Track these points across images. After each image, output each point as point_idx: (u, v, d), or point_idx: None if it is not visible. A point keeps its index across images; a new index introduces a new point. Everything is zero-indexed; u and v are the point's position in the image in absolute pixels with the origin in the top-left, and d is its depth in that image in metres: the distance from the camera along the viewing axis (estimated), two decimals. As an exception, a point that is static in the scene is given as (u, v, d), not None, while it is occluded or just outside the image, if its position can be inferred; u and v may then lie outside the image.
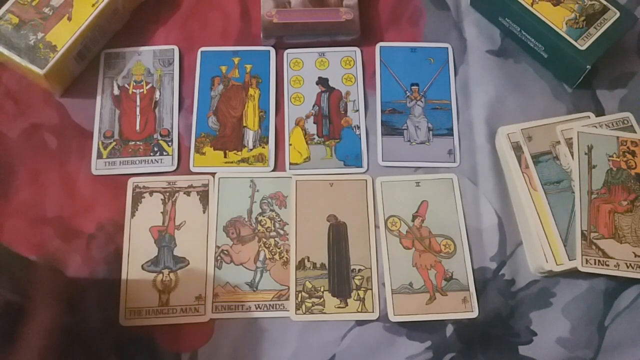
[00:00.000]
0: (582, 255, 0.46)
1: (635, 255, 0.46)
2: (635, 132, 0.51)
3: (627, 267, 0.46)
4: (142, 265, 0.49)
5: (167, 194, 0.52)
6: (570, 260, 0.47)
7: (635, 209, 0.48)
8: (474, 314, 0.48)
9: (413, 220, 0.51)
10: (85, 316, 0.46)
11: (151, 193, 0.52)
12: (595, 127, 0.51)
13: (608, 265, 0.46)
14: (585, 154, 0.49)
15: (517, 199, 0.50)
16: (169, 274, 0.49)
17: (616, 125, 0.51)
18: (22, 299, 0.37)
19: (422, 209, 0.51)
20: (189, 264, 0.50)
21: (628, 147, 0.50)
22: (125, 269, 0.49)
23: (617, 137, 0.50)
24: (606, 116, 0.52)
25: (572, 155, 0.49)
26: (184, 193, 0.52)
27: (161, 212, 0.51)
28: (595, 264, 0.46)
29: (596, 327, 0.48)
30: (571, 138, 0.50)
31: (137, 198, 0.51)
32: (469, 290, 0.49)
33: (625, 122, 0.51)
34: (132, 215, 0.51)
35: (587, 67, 0.51)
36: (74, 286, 0.46)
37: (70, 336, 0.43)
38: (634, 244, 0.47)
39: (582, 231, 0.47)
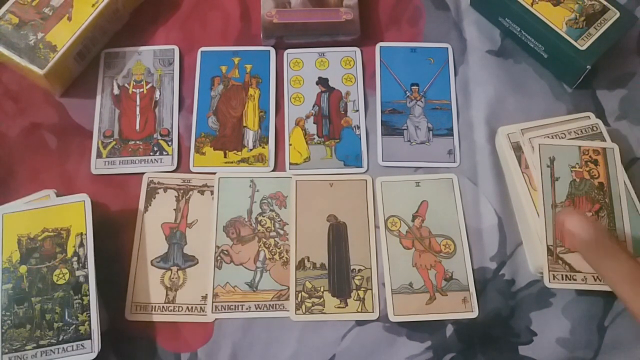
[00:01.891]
0: (549, 271, 0.46)
1: None
2: (604, 139, 0.50)
3: (595, 280, 0.46)
4: (151, 261, 0.49)
5: (182, 191, 0.52)
6: None
7: (600, 219, 0.47)
8: (474, 314, 0.48)
9: (413, 220, 0.51)
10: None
11: (165, 189, 0.52)
12: (559, 136, 0.50)
13: (575, 280, 0.46)
14: (548, 166, 0.48)
15: (517, 199, 0.50)
16: (177, 272, 0.49)
17: (585, 133, 0.50)
18: None
19: (422, 209, 0.51)
20: (197, 262, 0.50)
21: (590, 157, 0.49)
22: (135, 264, 0.49)
23: (579, 147, 0.49)
24: (575, 122, 0.51)
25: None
26: (198, 192, 0.52)
27: (174, 209, 0.51)
28: (562, 279, 0.46)
29: (596, 327, 0.48)
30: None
31: (151, 193, 0.51)
32: (469, 290, 0.49)
33: (595, 128, 0.51)
34: (145, 210, 0.51)
35: (587, 67, 0.51)
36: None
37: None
38: None
39: (547, 246, 0.46)
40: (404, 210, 0.51)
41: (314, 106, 0.55)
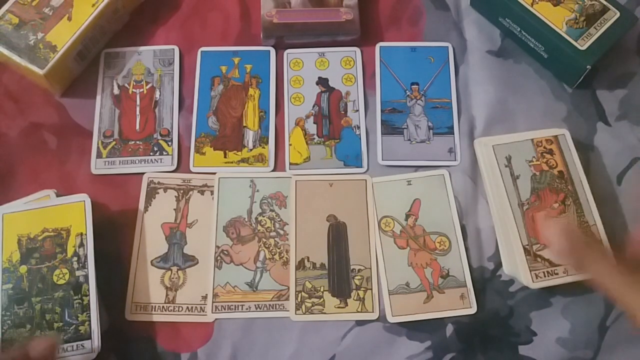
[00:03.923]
0: (530, 271, 0.45)
1: None
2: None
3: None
4: (151, 261, 0.49)
5: (182, 191, 0.52)
6: None
7: (567, 207, 0.47)
8: (473, 309, 0.48)
9: (406, 219, 0.51)
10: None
11: (165, 189, 0.52)
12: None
13: (557, 274, 0.46)
14: (506, 166, 0.48)
15: (501, 211, 0.49)
16: (177, 272, 0.49)
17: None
18: None
19: (415, 207, 0.51)
20: (198, 262, 0.50)
21: (545, 147, 0.49)
22: (135, 264, 0.49)
23: (532, 139, 0.49)
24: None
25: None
26: (198, 192, 0.52)
27: (174, 209, 0.51)
28: (544, 276, 0.46)
29: (597, 327, 0.48)
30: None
31: (152, 193, 0.51)
32: (466, 286, 0.49)
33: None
34: (145, 210, 0.51)
35: (587, 67, 0.51)
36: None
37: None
38: None
39: (523, 247, 0.46)
40: (396, 209, 0.51)
41: (314, 106, 0.55)
